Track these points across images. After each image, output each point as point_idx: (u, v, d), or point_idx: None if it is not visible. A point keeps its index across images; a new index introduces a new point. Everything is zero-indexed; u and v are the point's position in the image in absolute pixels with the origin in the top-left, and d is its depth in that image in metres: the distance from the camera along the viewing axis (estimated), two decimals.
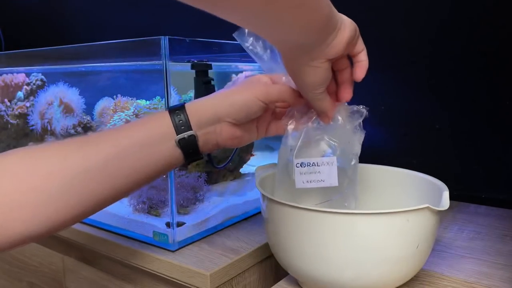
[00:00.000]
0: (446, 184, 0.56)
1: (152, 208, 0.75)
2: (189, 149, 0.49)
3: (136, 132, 0.48)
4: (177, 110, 0.49)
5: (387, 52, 0.93)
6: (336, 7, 0.50)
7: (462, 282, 0.55)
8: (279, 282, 0.58)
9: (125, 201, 0.81)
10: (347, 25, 0.45)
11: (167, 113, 0.49)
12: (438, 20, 0.87)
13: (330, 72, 0.48)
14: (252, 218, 0.80)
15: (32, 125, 0.96)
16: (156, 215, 0.73)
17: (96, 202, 0.46)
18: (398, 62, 0.94)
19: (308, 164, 0.52)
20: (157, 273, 0.65)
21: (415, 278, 0.56)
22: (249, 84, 0.52)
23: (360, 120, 0.54)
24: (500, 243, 0.66)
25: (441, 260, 0.61)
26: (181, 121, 0.48)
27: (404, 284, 0.53)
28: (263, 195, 0.54)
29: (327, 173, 0.52)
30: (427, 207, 0.47)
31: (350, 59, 0.51)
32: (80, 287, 0.82)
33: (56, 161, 0.44)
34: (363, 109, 0.53)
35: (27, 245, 0.96)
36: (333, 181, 0.53)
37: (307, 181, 0.52)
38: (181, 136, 0.48)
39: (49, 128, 0.92)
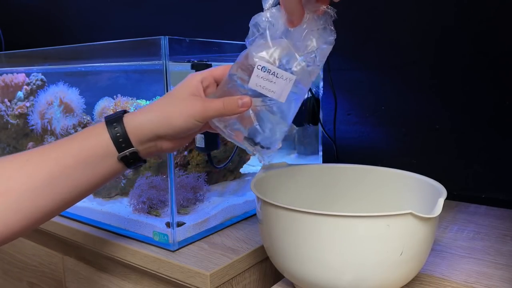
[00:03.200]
0: (446, 184, 0.55)
1: (152, 208, 0.75)
2: (131, 160, 0.51)
3: (78, 150, 0.49)
4: (114, 123, 0.50)
5: (388, 53, 0.93)
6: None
7: (462, 282, 0.55)
8: (273, 286, 0.58)
9: (125, 201, 0.81)
10: None
11: (105, 128, 0.50)
12: (438, 20, 0.87)
13: None
14: (252, 218, 0.80)
15: (32, 125, 0.96)
16: (156, 215, 0.73)
17: (44, 214, 0.48)
18: (398, 63, 0.94)
19: (269, 71, 0.52)
20: (157, 273, 0.65)
21: (415, 278, 0.56)
22: (187, 102, 0.51)
23: (327, 24, 0.52)
24: (500, 243, 0.66)
25: (441, 260, 0.61)
26: (121, 139, 0.50)
27: (404, 284, 0.53)
28: (257, 197, 0.54)
29: (280, 87, 0.52)
30: (410, 213, 0.45)
31: None
32: (80, 287, 0.82)
33: (0, 181, 0.46)
34: (329, 10, 0.51)
35: (27, 245, 0.96)
36: (282, 97, 0.53)
37: (259, 86, 0.52)
38: (122, 154, 0.50)
39: (49, 128, 0.92)
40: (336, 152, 1.00)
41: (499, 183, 0.85)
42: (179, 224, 0.69)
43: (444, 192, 0.52)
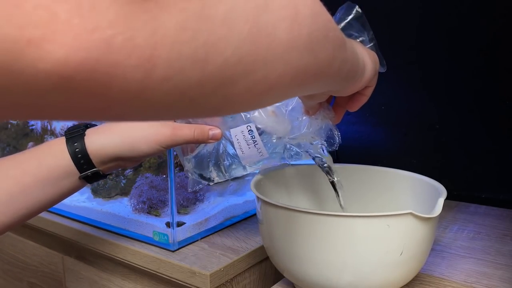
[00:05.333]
0: (446, 184, 0.55)
1: (152, 208, 0.75)
2: (94, 179, 0.51)
3: (37, 169, 0.48)
4: (76, 143, 0.49)
5: (387, 52, 0.93)
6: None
7: (462, 282, 0.55)
8: (273, 286, 0.58)
9: (125, 201, 0.81)
10: (366, 73, 0.41)
11: (65, 146, 0.49)
12: (438, 20, 0.87)
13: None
14: (252, 218, 0.80)
15: (32, 125, 0.96)
16: (156, 215, 0.73)
17: (1, 229, 0.47)
18: (398, 62, 0.94)
19: (253, 136, 0.53)
20: (157, 273, 0.65)
21: (415, 278, 0.56)
22: (154, 127, 0.50)
23: (325, 146, 0.54)
24: (500, 243, 0.66)
25: (441, 260, 0.61)
26: (82, 161, 0.49)
27: (404, 284, 0.53)
28: (257, 197, 0.54)
29: (250, 154, 0.54)
30: (410, 213, 0.45)
31: None
32: (80, 287, 0.82)
33: None
34: (337, 137, 0.53)
35: (27, 245, 0.96)
36: (245, 162, 0.55)
37: (237, 139, 0.53)
38: (84, 174, 0.50)
39: (49, 128, 0.92)
40: (336, 152, 1.00)
41: (499, 183, 0.85)
42: (179, 224, 0.69)
43: (444, 192, 0.52)
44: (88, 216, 0.80)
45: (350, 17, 0.50)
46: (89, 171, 0.50)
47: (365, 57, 0.41)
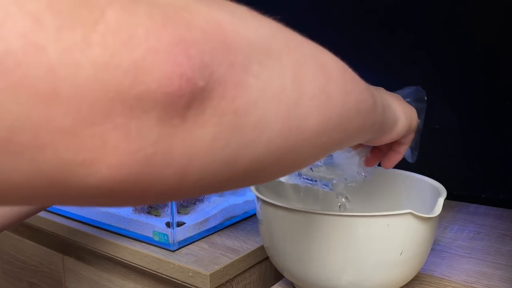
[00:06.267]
0: (446, 184, 0.55)
1: (152, 208, 0.75)
2: None
3: None
4: None
5: (388, 53, 0.93)
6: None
7: (462, 282, 0.55)
8: (273, 286, 0.58)
9: None
10: (398, 128, 0.41)
11: None
12: (438, 20, 0.87)
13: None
14: (252, 218, 0.80)
15: None
16: (156, 215, 0.73)
17: (16, 220, 0.50)
18: (398, 62, 0.94)
19: None
20: (157, 273, 0.65)
21: (415, 278, 0.56)
22: None
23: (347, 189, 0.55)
24: (500, 243, 0.66)
25: (441, 260, 0.61)
26: None
27: (404, 284, 0.53)
28: (257, 197, 0.54)
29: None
30: (410, 213, 0.45)
31: None
32: (80, 287, 0.82)
33: None
34: (360, 177, 0.54)
35: (27, 245, 0.96)
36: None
37: None
38: None
39: None
40: None
41: (499, 183, 0.85)
42: (179, 224, 0.69)
43: (444, 192, 0.52)
44: (88, 216, 0.80)
45: (413, 99, 0.51)
46: None
47: (398, 112, 0.41)
